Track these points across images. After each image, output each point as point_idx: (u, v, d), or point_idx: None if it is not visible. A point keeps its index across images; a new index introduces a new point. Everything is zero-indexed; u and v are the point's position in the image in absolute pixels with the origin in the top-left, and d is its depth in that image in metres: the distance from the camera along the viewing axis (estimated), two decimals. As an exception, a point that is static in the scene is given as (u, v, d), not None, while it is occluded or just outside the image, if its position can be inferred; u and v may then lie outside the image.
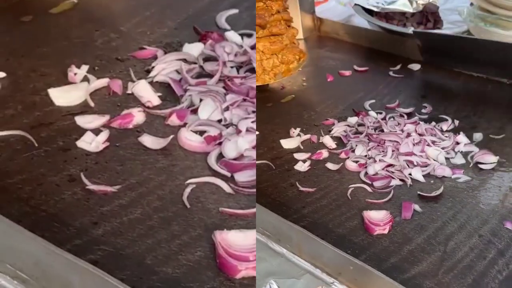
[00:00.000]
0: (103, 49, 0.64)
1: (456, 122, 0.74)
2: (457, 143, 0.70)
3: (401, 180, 0.64)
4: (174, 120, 0.58)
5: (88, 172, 0.51)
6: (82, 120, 0.56)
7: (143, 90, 0.60)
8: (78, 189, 0.49)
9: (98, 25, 0.67)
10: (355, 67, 0.92)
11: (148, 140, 0.55)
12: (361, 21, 1.05)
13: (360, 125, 0.75)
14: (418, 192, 0.62)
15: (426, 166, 0.66)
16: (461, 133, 0.71)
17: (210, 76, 0.63)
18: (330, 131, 0.74)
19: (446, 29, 0.93)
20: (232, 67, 0.65)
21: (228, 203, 0.50)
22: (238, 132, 0.57)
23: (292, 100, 0.83)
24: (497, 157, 0.66)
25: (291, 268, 0.52)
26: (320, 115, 0.79)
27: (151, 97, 0.60)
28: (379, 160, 0.67)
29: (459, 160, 0.67)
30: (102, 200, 0.48)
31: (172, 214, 0.48)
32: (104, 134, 0.55)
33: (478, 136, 0.71)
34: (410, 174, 0.65)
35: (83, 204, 0.48)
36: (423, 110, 0.78)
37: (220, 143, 0.56)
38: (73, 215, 0.47)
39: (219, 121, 0.59)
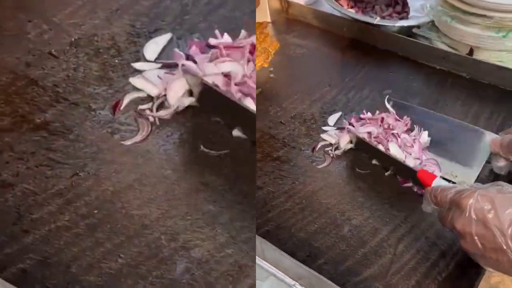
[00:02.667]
0: (35, 43, 0.62)
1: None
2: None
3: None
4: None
5: (19, 178, 0.51)
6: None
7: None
8: (10, 195, 0.50)
9: (31, 15, 0.64)
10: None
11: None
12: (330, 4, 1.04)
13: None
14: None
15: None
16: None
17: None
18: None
19: (413, 18, 0.94)
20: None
21: (149, 208, 0.52)
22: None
23: (260, 94, 0.84)
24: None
25: (257, 270, 0.55)
26: (286, 112, 0.81)
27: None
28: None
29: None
30: (32, 207, 0.50)
31: (97, 221, 0.50)
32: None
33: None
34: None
35: (14, 211, 0.49)
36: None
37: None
38: (4, 222, 0.48)
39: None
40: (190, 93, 0.61)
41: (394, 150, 0.70)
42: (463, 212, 0.49)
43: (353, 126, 0.74)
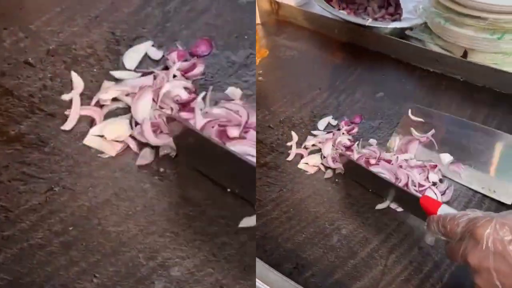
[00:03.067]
0: (11, 51, 0.60)
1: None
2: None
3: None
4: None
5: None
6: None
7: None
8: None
9: (7, 22, 0.63)
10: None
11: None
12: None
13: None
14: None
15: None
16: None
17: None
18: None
19: (405, 20, 0.92)
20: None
21: (127, 224, 0.50)
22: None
23: (247, 98, 0.82)
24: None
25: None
26: (275, 116, 0.79)
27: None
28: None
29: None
30: (4, 224, 0.48)
31: (72, 238, 0.48)
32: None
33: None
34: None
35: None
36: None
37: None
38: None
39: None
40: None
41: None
42: (478, 243, 0.42)
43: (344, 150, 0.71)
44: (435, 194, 0.64)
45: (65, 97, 0.58)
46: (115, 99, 0.58)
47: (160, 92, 0.57)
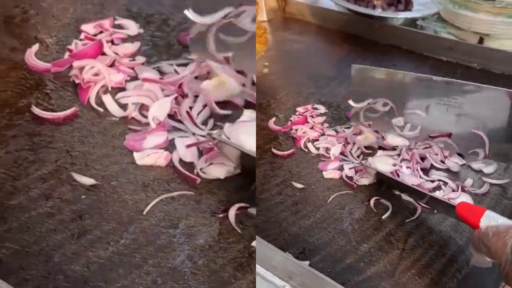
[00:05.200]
0: (21, 27, 0.59)
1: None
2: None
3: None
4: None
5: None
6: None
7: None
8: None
9: (18, 0, 0.63)
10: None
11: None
12: (329, 2, 1.00)
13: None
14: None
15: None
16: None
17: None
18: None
19: (416, 11, 0.89)
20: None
21: (146, 193, 0.46)
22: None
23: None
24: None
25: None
26: (280, 104, 0.74)
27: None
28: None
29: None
30: (11, 193, 0.44)
31: (86, 206, 0.44)
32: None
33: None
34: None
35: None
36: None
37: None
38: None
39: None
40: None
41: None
42: None
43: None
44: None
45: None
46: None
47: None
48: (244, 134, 0.50)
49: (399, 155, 0.63)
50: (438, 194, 0.57)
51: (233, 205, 0.47)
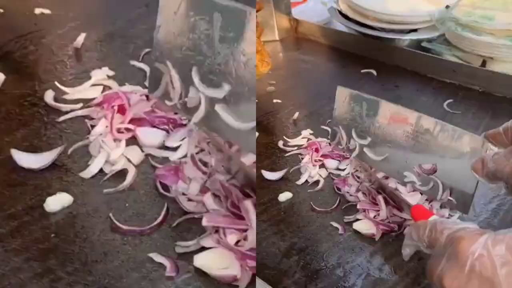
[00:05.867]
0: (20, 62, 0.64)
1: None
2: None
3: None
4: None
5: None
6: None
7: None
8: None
9: (18, 35, 0.68)
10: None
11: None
12: (340, 24, 1.02)
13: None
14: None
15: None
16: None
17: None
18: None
19: (422, 33, 0.89)
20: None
21: (114, 235, 0.47)
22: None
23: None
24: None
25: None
26: (279, 120, 0.77)
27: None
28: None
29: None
30: None
31: (52, 246, 0.45)
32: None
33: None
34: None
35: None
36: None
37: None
38: None
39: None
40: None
41: None
42: (459, 262, 0.32)
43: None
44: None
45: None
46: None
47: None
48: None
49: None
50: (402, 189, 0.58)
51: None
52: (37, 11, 0.75)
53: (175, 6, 0.50)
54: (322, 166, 0.66)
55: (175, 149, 0.56)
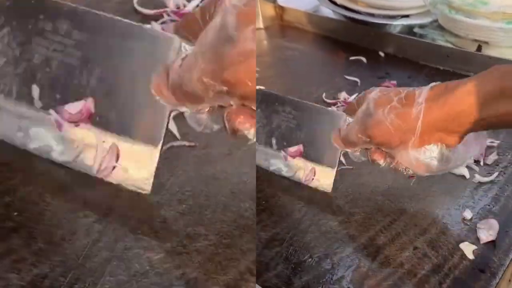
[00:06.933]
0: None
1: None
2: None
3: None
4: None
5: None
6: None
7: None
8: None
9: None
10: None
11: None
12: (328, 10, 0.98)
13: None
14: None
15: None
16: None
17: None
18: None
19: (414, 18, 0.86)
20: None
21: (83, 211, 0.42)
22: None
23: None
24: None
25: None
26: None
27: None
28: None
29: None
30: None
31: (15, 224, 0.41)
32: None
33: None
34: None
35: None
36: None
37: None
38: None
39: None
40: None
41: None
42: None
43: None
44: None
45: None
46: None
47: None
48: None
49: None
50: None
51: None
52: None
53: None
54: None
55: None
